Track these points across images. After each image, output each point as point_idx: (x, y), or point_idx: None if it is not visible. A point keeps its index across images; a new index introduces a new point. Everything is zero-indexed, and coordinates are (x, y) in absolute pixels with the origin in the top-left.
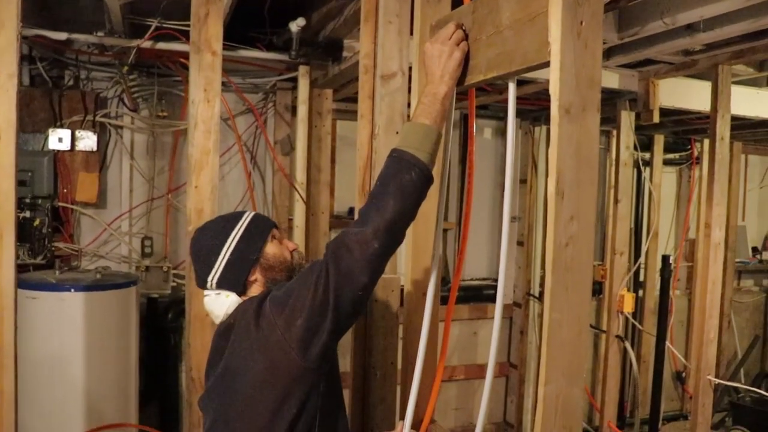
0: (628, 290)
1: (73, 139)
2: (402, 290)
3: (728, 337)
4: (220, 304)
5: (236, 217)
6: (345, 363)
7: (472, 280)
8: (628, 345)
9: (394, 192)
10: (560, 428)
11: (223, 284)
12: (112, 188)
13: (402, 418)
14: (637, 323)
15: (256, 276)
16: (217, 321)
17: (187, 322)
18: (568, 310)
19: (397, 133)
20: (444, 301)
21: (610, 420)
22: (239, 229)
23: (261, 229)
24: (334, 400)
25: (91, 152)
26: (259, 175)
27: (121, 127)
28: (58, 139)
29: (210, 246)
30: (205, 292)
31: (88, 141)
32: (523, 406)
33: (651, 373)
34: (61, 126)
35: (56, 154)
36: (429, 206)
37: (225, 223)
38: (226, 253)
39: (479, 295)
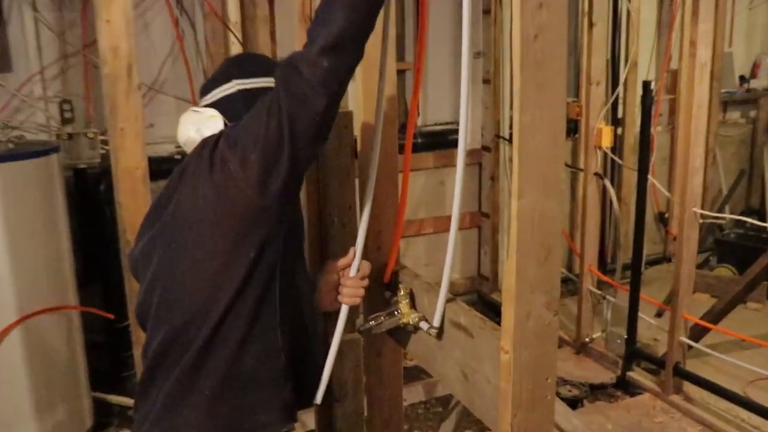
0: (606, 124)
1: None
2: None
3: (713, 174)
4: (210, 126)
5: None
6: None
7: (435, 125)
8: (607, 182)
9: (340, 2)
10: (538, 246)
11: (227, 106)
12: (15, 47)
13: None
14: (617, 158)
15: None
16: (190, 148)
17: (114, 179)
18: (540, 112)
19: None
20: (401, 149)
21: (591, 264)
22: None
23: None
24: (296, 254)
25: None
26: (188, 22)
27: None
28: None
29: (254, 67)
30: (196, 108)
31: None
32: (498, 258)
33: (633, 215)
34: None
35: None
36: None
37: (276, 64)
38: (256, 81)
39: (444, 141)
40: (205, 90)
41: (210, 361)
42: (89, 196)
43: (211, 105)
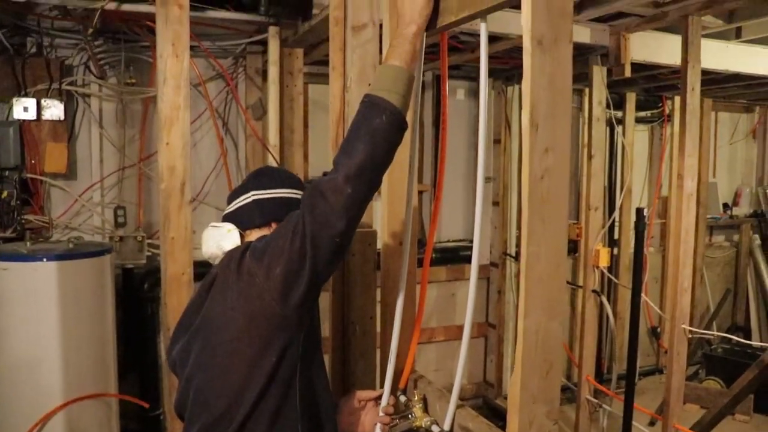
0: (603, 246)
1: (39, 108)
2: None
3: (701, 292)
4: (228, 240)
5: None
6: (325, 327)
7: (448, 241)
8: (604, 299)
9: (364, 137)
10: (541, 362)
11: (242, 215)
12: (81, 158)
13: (383, 378)
14: (613, 277)
15: (265, 231)
16: (215, 261)
17: (162, 282)
18: (545, 242)
19: (369, 84)
20: (420, 263)
21: (588, 374)
22: (295, 192)
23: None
24: (314, 356)
25: (59, 121)
26: (231, 141)
27: (89, 96)
28: (23, 108)
29: (269, 180)
30: (214, 224)
31: (54, 110)
32: (502, 365)
33: (627, 329)
34: (26, 95)
35: (22, 123)
36: (402, 157)
37: (291, 179)
38: (270, 192)
39: (456, 256)
40: (229, 200)
41: None
42: (134, 293)
43: (229, 215)
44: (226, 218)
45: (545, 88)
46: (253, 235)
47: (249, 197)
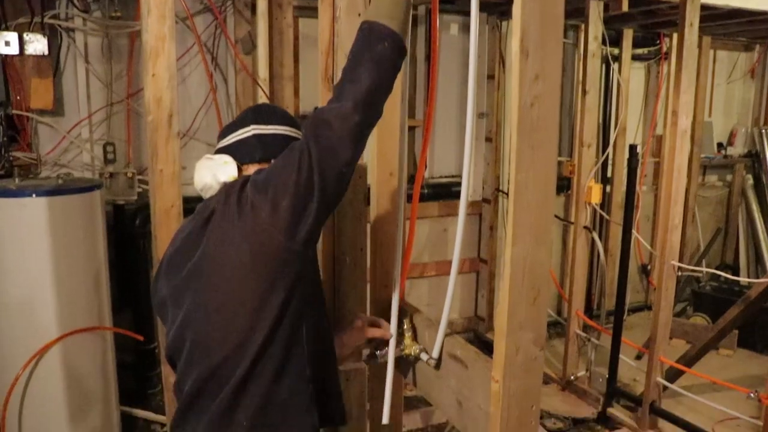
0: (596, 182)
1: (22, 42)
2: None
3: (692, 231)
4: (225, 171)
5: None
6: None
7: (441, 177)
8: (595, 235)
9: (367, 63)
10: (528, 289)
11: (241, 149)
12: (68, 94)
13: (373, 310)
14: (604, 214)
15: (264, 167)
16: (208, 193)
17: (152, 215)
18: (534, 170)
19: (359, 15)
20: (409, 199)
21: (578, 309)
22: (295, 131)
23: None
24: (318, 289)
25: (43, 56)
26: (221, 76)
27: (73, 30)
28: (5, 42)
29: (270, 116)
30: (209, 155)
31: (38, 45)
32: (494, 300)
33: (618, 266)
34: (7, 29)
35: (5, 58)
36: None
37: (291, 118)
38: (272, 128)
39: (448, 192)
40: (223, 134)
41: (246, 396)
42: (126, 229)
43: (225, 148)
44: (221, 152)
45: (536, 14)
46: (250, 170)
47: (249, 131)
